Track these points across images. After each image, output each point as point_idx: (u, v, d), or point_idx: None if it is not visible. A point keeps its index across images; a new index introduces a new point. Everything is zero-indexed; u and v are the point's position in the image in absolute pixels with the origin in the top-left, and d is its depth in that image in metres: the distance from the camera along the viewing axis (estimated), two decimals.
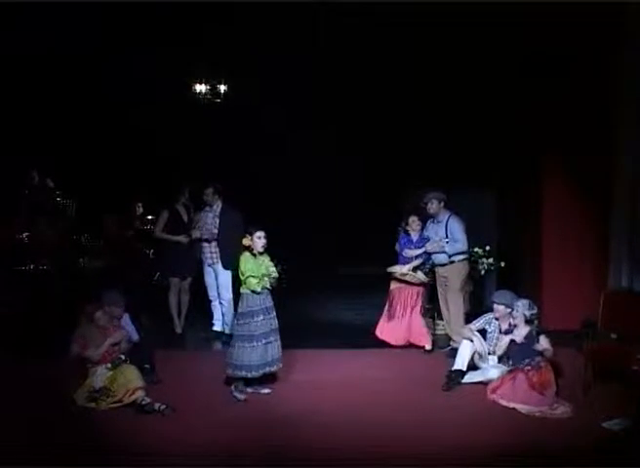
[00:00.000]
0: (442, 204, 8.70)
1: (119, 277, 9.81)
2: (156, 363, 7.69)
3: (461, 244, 8.59)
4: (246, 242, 7.37)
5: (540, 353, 7.15)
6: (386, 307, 9.02)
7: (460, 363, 7.53)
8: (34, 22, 9.61)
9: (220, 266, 9.45)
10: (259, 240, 7.35)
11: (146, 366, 7.42)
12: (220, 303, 9.58)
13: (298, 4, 9.29)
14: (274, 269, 7.40)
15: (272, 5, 9.36)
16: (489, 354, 7.59)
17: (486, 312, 7.90)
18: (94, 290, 9.17)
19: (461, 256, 8.66)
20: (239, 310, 7.36)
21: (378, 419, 6.59)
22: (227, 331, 9.45)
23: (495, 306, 7.55)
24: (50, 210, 10.42)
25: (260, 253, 7.39)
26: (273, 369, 7.42)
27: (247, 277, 7.29)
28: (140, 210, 11.91)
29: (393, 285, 8.96)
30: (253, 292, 7.28)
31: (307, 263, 12.29)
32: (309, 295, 11.67)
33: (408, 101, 11.55)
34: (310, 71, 11.58)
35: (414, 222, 8.92)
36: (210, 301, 9.71)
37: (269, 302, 7.39)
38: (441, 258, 8.67)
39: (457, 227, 8.61)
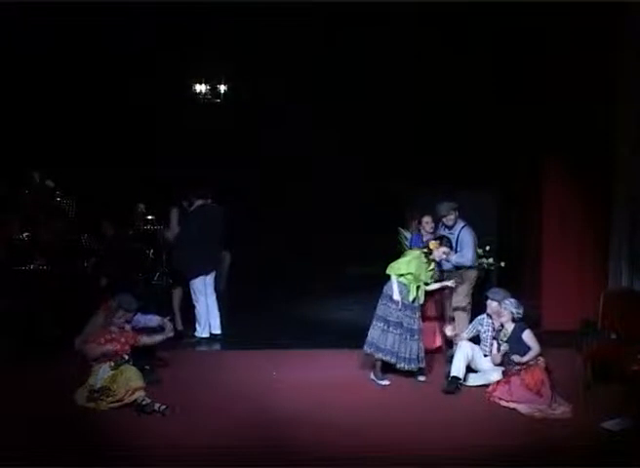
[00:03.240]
0: (457, 213, 8.55)
1: (119, 277, 9.80)
2: (157, 363, 7.68)
3: (467, 259, 8.40)
4: (432, 245, 7.73)
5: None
6: None
7: (456, 370, 7.49)
8: (35, 23, 9.63)
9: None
10: (437, 252, 7.69)
11: (146, 367, 7.42)
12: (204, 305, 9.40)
13: (298, 4, 9.30)
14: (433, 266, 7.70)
15: (273, 5, 9.37)
16: (485, 355, 7.59)
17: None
18: (98, 290, 9.24)
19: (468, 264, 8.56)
20: (384, 290, 7.71)
21: (377, 419, 6.60)
22: (216, 332, 9.41)
23: (488, 302, 7.54)
24: (50, 210, 10.41)
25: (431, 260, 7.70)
26: (406, 366, 7.58)
27: (398, 265, 7.62)
28: (141, 210, 11.91)
29: None
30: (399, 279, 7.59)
31: (312, 263, 12.30)
32: (313, 295, 11.67)
33: (409, 102, 11.56)
34: (311, 71, 11.60)
35: (427, 224, 8.67)
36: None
37: (414, 302, 7.62)
38: (447, 265, 8.56)
39: (467, 240, 8.40)
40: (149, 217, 11.84)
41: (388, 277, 7.79)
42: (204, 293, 9.32)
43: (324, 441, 6.14)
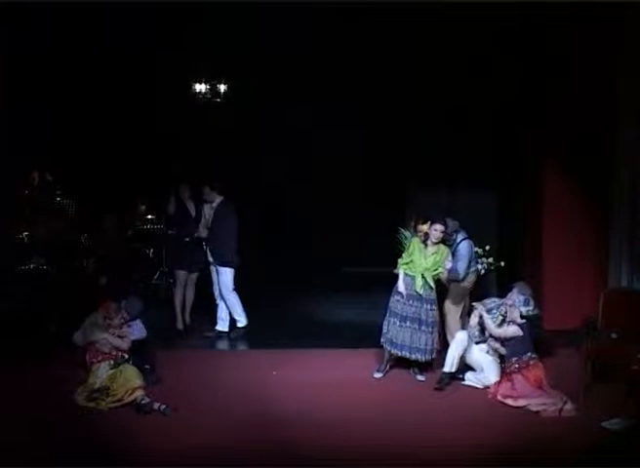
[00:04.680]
0: (459, 231, 8.42)
1: (118, 277, 9.80)
2: (157, 362, 7.69)
3: (457, 274, 8.22)
4: (424, 228, 7.86)
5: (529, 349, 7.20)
6: None
7: (449, 364, 7.50)
8: (36, 22, 9.63)
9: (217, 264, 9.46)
10: (435, 232, 7.72)
11: (147, 366, 7.42)
12: (225, 302, 9.51)
13: (298, 4, 9.30)
14: (441, 270, 7.73)
15: (273, 5, 9.37)
16: (480, 342, 7.58)
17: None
18: (98, 289, 9.24)
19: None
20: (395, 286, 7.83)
21: (378, 419, 6.60)
22: (239, 325, 9.49)
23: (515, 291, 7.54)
24: (50, 209, 10.41)
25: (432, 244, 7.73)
26: (414, 356, 7.67)
27: (401, 259, 7.77)
28: (142, 209, 11.92)
29: None
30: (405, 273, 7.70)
31: (309, 262, 12.29)
32: (310, 295, 11.67)
33: (409, 101, 11.55)
34: (311, 71, 11.59)
35: (436, 231, 8.66)
36: (215, 300, 9.69)
37: (422, 292, 7.64)
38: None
39: (463, 254, 8.27)
40: (149, 217, 11.86)
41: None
42: (230, 289, 9.44)
43: (324, 441, 6.14)
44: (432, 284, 7.74)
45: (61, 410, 6.72)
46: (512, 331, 7.31)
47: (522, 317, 7.34)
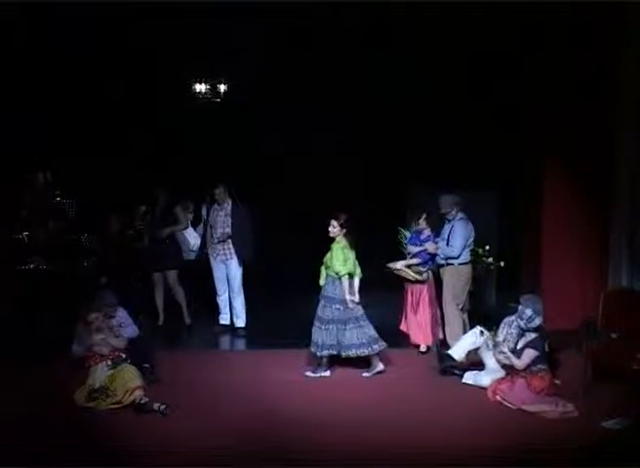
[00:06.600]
0: (459, 208, 8.65)
1: (118, 276, 9.81)
2: (156, 362, 7.68)
3: (453, 250, 8.49)
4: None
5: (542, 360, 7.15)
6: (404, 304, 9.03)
7: (457, 353, 7.47)
8: (36, 20, 9.64)
9: (233, 263, 9.56)
10: (330, 228, 7.87)
11: (146, 365, 7.41)
12: (233, 297, 9.67)
13: (297, 4, 9.31)
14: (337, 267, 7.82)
15: (272, 5, 9.38)
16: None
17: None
18: (92, 290, 9.23)
19: (460, 260, 8.61)
20: None
21: (378, 419, 6.60)
22: (241, 325, 9.59)
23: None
24: (50, 209, 10.41)
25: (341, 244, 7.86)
26: (346, 352, 7.76)
27: None
28: (142, 209, 11.91)
29: (405, 283, 8.96)
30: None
31: (308, 263, 12.28)
32: (310, 295, 11.65)
33: (409, 101, 11.55)
34: (311, 71, 11.59)
35: (424, 221, 8.82)
36: (217, 295, 9.73)
37: (334, 293, 7.87)
38: (438, 259, 8.67)
39: (458, 232, 8.52)
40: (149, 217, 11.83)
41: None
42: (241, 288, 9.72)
43: (324, 441, 6.14)
44: (332, 281, 7.88)
45: (61, 410, 6.72)
46: (528, 355, 7.16)
47: (526, 329, 7.28)
